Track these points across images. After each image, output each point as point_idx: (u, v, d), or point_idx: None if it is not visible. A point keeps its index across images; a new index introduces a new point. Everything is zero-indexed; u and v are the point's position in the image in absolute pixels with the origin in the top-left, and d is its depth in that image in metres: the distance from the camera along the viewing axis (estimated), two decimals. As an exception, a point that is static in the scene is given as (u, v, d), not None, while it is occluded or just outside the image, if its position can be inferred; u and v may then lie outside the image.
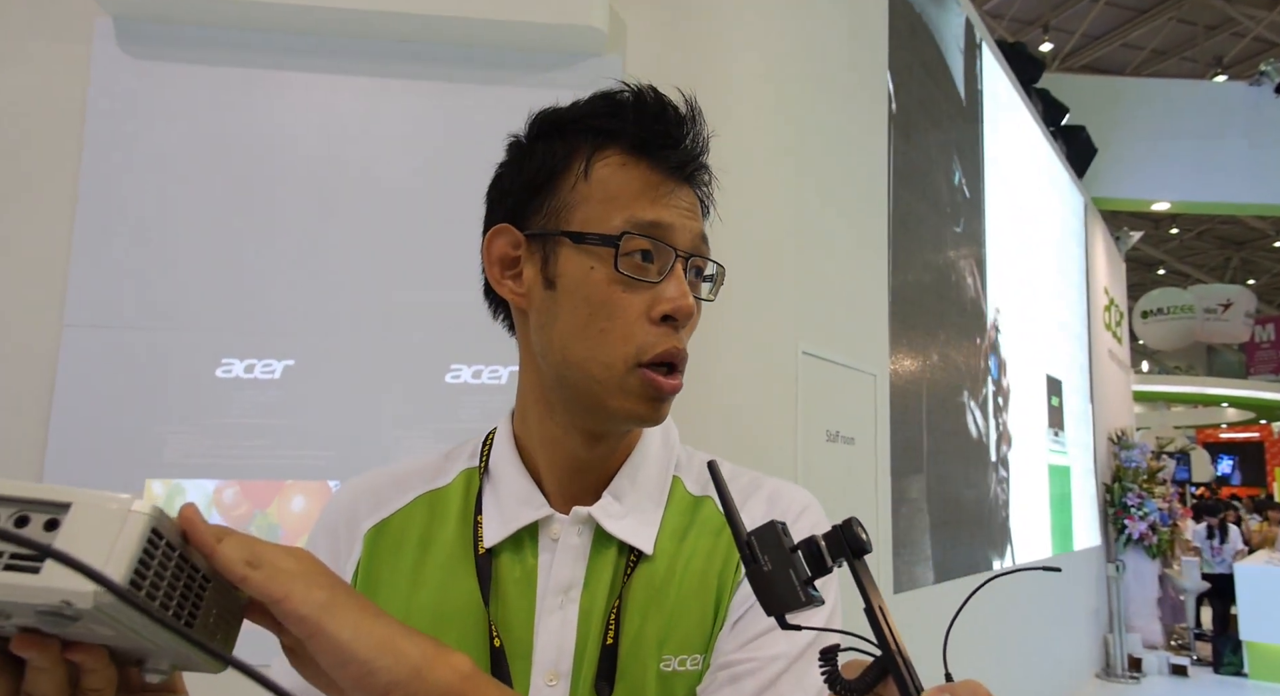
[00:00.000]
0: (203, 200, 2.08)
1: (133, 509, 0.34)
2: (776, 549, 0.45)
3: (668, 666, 0.60)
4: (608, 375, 0.61)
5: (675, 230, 0.62)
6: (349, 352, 2.11)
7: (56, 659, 0.38)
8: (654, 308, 0.61)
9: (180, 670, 0.44)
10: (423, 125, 2.19)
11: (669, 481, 0.68)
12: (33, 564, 0.32)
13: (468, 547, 0.65)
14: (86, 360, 2.00)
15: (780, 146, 2.57)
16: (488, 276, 0.68)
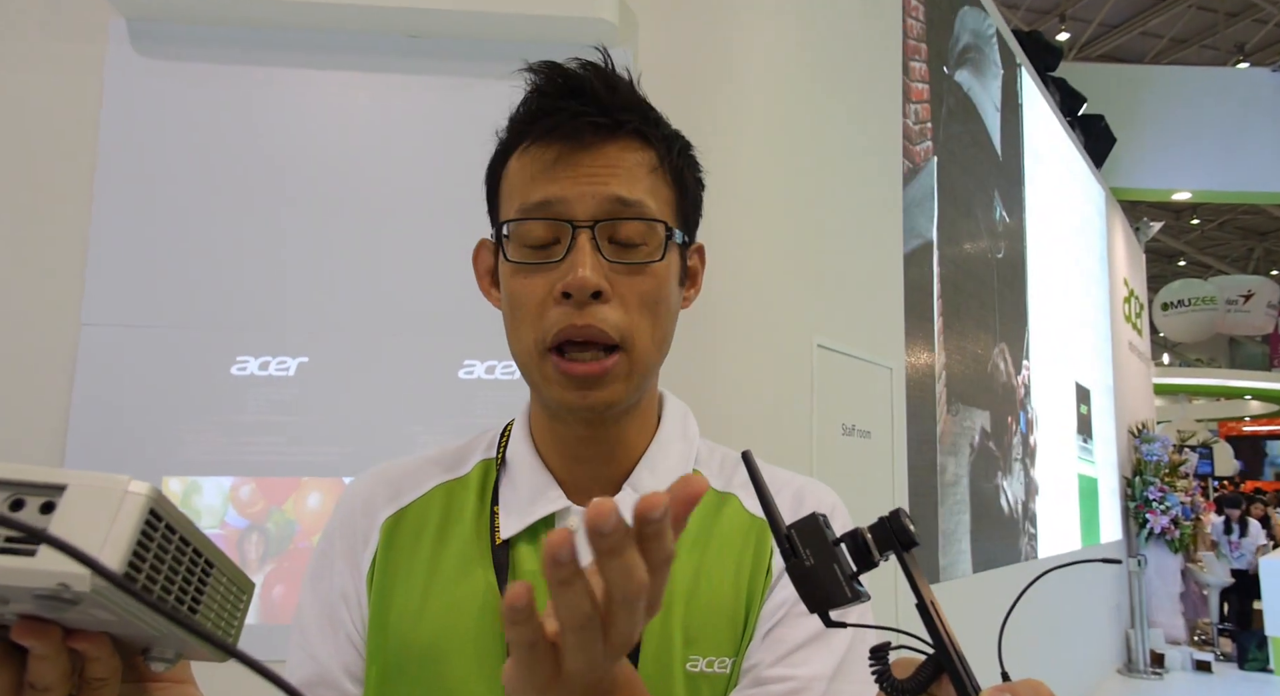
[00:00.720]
0: (216, 199, 2.09)
1: (129, 490, 0.33)
2: (818, 542, 0.43)
3: (694, 667, 0.58)
4: (530, 363, 0.61)
5: (570, 202, 0.59)
6: (363, 349, 2.12)
7: (58, 647, 0.37)
8: (554, 287, 0.59)
9: (186, 659, 0.43)
10: (433, 121, 2.19)
11: (689, 473, 0.67)
12: (28, 546, 0.32)
13: (484, 539, 0.64)
14: (104, 359, 2.01)
15: (793, 138, 2.55)
16: (479, 287, 0.69)
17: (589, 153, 0.60)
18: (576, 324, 0.58)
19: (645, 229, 0.60)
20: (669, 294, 0.63)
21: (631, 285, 0.60)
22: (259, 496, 2.06)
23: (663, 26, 2.22)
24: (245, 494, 2.05)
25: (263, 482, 2.05)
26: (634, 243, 0.60)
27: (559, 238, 0.59)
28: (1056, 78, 6.09)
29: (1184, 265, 17.40)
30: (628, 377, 0.60)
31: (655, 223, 0.61)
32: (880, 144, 3.14)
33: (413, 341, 2.13)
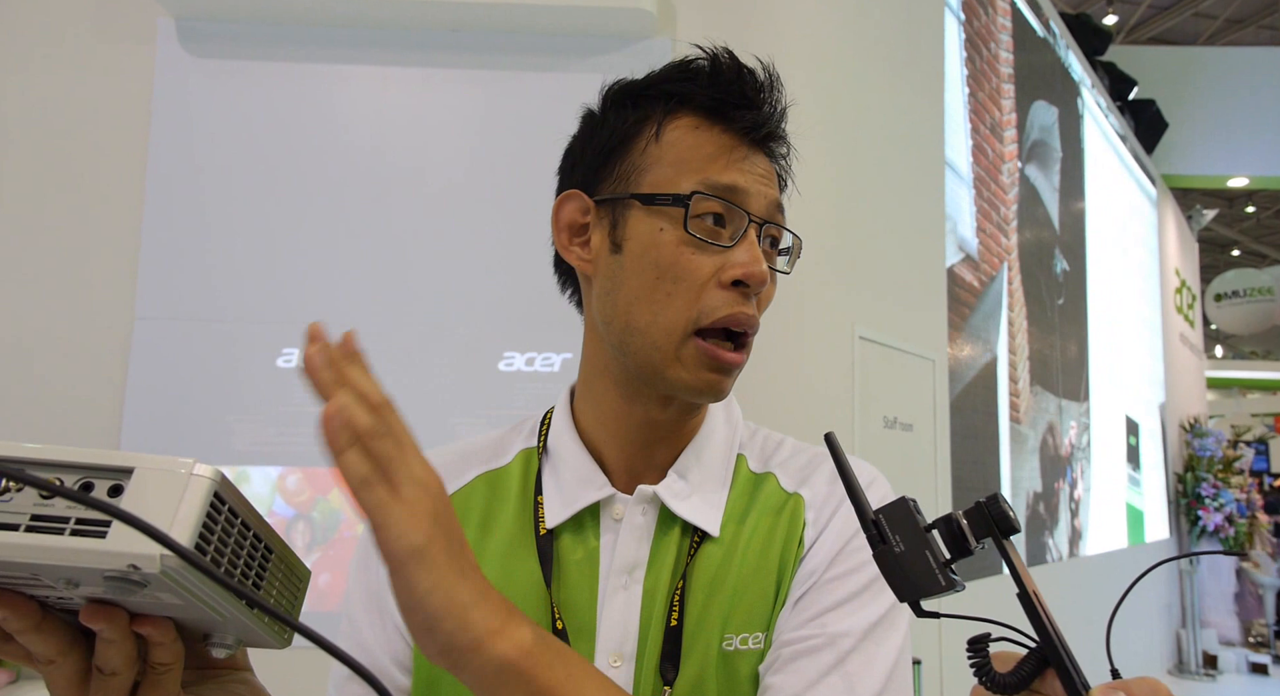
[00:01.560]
0: (262, 194, 2.13)
1: (194, 473, 0.34)
2: (908, 528, 0.41)
3: (729, 645, 0.59)
4: (668, 342, 0.59)
5: (749, 195, 0.60)
6: (404, 341, 2.14)
7: (125, 631, 0.38)
8: (724, 272, 0.58)
9: (246, 646, 0.44)
10: (474, 114, 2.20)
11: (733, 459, 0.66)
12: (99, 528, 0.32)
13: (528, 528, 0.64)
14: (156, 352, 2.06)
15: (834, 129, 2.52)
16: (555, 243, 0.66)
17: (757, 153, 0.62)
18: (746, 313, 0.59)
19: (792, 239, 0.65)
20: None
21: (766, 288, 0.62)
22: (305, 486, 2.09)
23: (701, 16, 2.20)
24: (292, 483, 2.09)
25: (309, 472, 2.09)
26: (785, 250, 0.64)
27: (727, 223, 0.60)
28: (1105, 62, 5.92)
29: (1238, 255, 16.84)
30: (739, 372, 0.62)
31: (797, 238, 0.65)
32: (923, 133, 3.08)
33: (453, 334, 2.15)
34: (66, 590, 0.35)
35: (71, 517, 0.32)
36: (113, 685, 0.39)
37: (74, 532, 0.32)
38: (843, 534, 0.61)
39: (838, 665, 0.55)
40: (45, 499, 0.33)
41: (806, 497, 0.63)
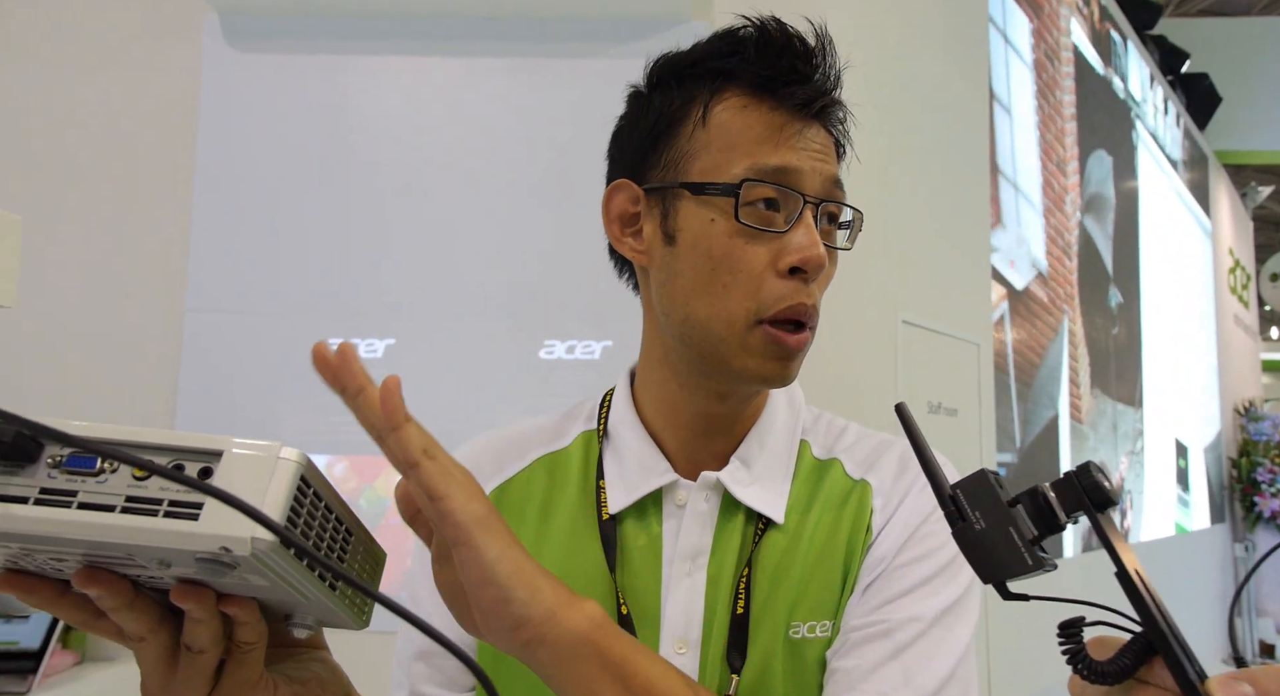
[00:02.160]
0: (307, 186, 2.16)
1: (281, 456, 0.34)
2: (990, 503, 0.38)
3: (796, 633, 0.58)
4: (730, 333, 0.57)
5: (803, 174, 0.57)
6: (446, 331, 2.16)
7: (213, 610, 0.39)
8: (781, 259, 0.57)
9: (325, 626, 0.45)
10: (511, 102, 2.20)
11: (796, 445, 0.65)
12: (192, 510, 0.33)
13: (590, 513, 0.63)
14: (207, 343, 2.11)
15: (877, 111, 2.48)
16: (608, 235, 0.65)
17: (812, 126, 0.59)
18: (806, 304, 0.57)
19: (852, 214, 0.62)
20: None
21: (826, 270, 0.60)
22: (352, 474, 2.13)
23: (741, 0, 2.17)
24: (339, 472, 2.12)
25: (355, 461, 2.12)
26: (844, 225, 0.61)
27: (780, 207, 0.58)
28: (1155, 35, 5.73)
29: (1295, 233, 16.24)
30: (804, 355, 0.60)
31: (857, 212, 0.62)
32: (968, 115, 3.02)
33: (495, 322, 2.16)
34: (158, 570, 0.36)
35: (165, 499, 0.33)
36: (200, 662, 0.40)
37: (167, 514, 0.33)
38: (911, 520, 0.59)
39: (903, 651, 0.54)
40: (139, 480, 0.33)
41: (874, 484, 0.62)
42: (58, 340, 2.07)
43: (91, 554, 0.35)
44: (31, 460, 0.34)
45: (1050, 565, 0.37)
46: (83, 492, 0.33)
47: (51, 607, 0.40)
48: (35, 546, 0.34)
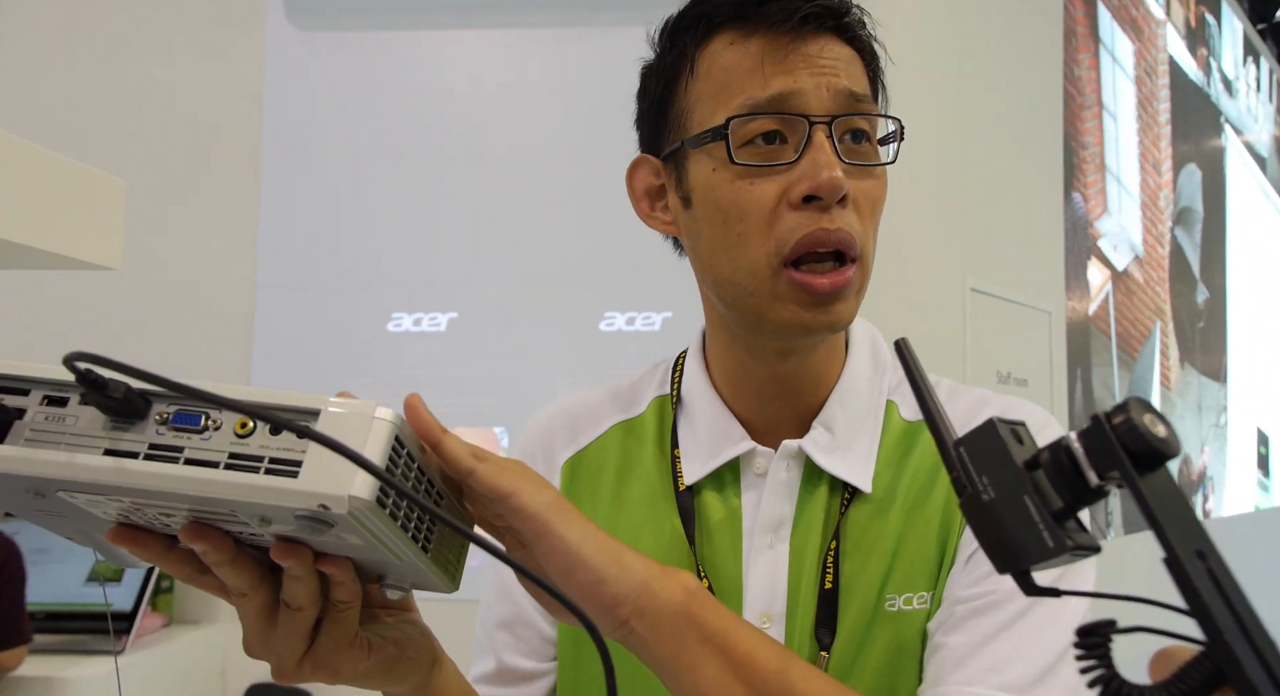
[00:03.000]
0: (370, 163, 2.20)
1: (376, 415, 0.35)
2: (1001, 465, 0.28)
3: (892, 606, 0.55)
4: (757, 283, 0.54)
5: (805, 95, 0.52)
6: (507, 304, 2.18)
7: (310, 569, 0.39)
8: (791, 191, 0.52)
9: (416, 589, 0.45)
10: (572, 72, 2.19)
11: (882, 407, 0.61)
12: (292, 468, 0.33)
13: (667, 483, 0.61)
14: (277, 318, 2.18)
15: (946, 68, 2.39)
16: (637, 213, 0.63)
17: (814, 42, 0.53)
18: (827, 228, 0.51)
19: (873, 126, 0.55)
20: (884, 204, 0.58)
21: (864, 189, 0.54)
22: (418, 445, 2.18)
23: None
24: (406, 443, 2.17)
25: (421, 432, 2.17)
26: (864, 142, 0.55)
27: (786, 136, 0.53)
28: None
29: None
30: (859, 293, 0.55)
31: (889, 119, 0.56)
32: (1040, 76, 2.89)
33: (555, 295, 2.17)
34: (259, 527, 0.37)
35: (266, 457, 0.34)
36: (299, 620, 0.41)
37: (268, 471, 0.34)
38: None
39: (1013, 624, 0.51)
40: (241, 438, 0.34)
41: None
42: (135, 318, 2.16)
43: (197, 509, 0.36)
44: (140, 417, 0.35)
45: (1085, 548, 0.27)
46: (189, 449, 0.34)
47: (160, 561, 0.41)
48: (145, 501, 0.35)
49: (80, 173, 0.42)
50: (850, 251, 0.53)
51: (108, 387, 0.33)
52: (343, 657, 0.43)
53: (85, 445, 0.34)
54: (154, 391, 0.35)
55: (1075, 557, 0.28)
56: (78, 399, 0.34)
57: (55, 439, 0.34)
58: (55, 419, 0.34)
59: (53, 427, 0.34)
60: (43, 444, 0.34)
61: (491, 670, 0.64)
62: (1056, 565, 0.28)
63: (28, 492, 0.36)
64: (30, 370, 0.35)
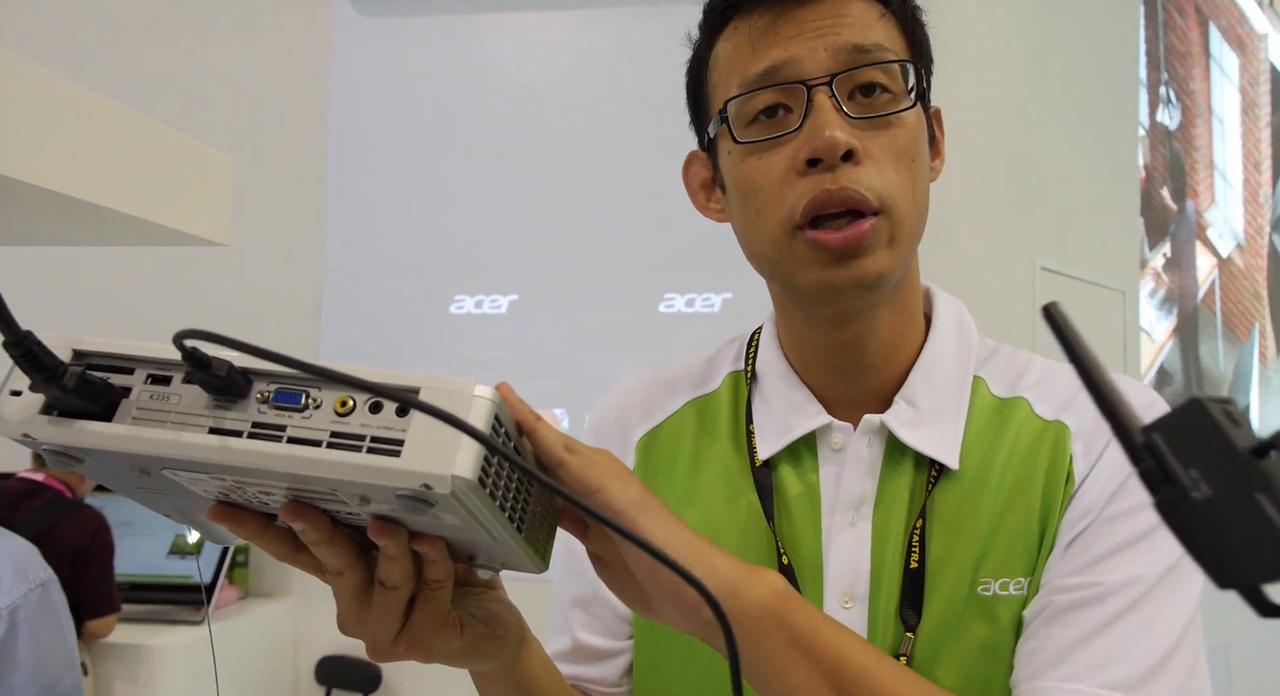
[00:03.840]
0: (433, 146, 2.22)
1: (475, 394, 0.34)
2: (1219, 453, 0.23)
3: (986, 590, 0.53)
4: (778, 252, 0.54)
5: (799, 61, 0.52)
6: (567, 286, 2.19)
7: (405, 548, 0.39)
8: (797, 157, 0.52)
9: (505, 569, 0.45)
10: (631, 52, 2.18)
11: (969, 382, 0.59)
12: (394, 447, 0.33)
13: (743, 460, 0.60)
14: (344, 302, 2.22)
15: (1015, 36, 2.30)
16: (695, 207, 0.64)
17: (811, 7, 0.53)
18: (830, 189, 0.51)
19: (889, 75, 0.53)
20: (922, 150, 0.55)
21: (882, 142, 0.53)
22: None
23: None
24: (469, 424, 2.21)
25: (484, 413, 2.20)
26: (878, 93, 0.53)
27: (790, 106, 0.53)
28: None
29: None
30: (891, 244, 0.53)
31: (900, 64, 0.54)
32: (1115, 49, 2.77)
33: (614, 277, 2.17)
34: (357, 506, 0.37)
35: (367, 436, 0.33)
36: (393, 598, 0.41)
37: (370, 450, 0.33)
38: (1122, 466, 0.52)
39: (1119, 618, 0.49)
40: (341, 416, 0.34)
41: (1072, 426, 0.56)
42: (207, 303, 2.22)
43: (296, 488, 0.36)
44: (242, 395, 0.34)
45: None
46: (291, 427, 0.34)
47: (257, 539, 0.41)
48: (246, 479, 0.36)
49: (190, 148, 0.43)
50: (863, 207, 0.52)
51: (212, 366, 0.33)
52: (435, 636, 0.43)
53: (190, 424, 0.34)
54: (254, 369, 0.35)
55: None
56: (181, 377, 0.35)
57: (160, 417, 0.34)
58: (160, 397, 0.35)
59: (157, 406, 0.34)
60: (149, 422, 0.34)
61: (566, 647, 0.64)
62: None
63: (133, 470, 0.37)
64: (134, 348, 0.35)
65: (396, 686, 2.20)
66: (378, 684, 2.19)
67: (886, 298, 0.57)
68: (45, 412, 0.34)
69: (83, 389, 0.33)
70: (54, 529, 1.77)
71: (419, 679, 2.18)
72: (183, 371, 0.34)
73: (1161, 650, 0.48)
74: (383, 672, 2.19)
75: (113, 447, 0.34)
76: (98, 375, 0.34)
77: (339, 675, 2.21)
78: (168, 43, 2.28)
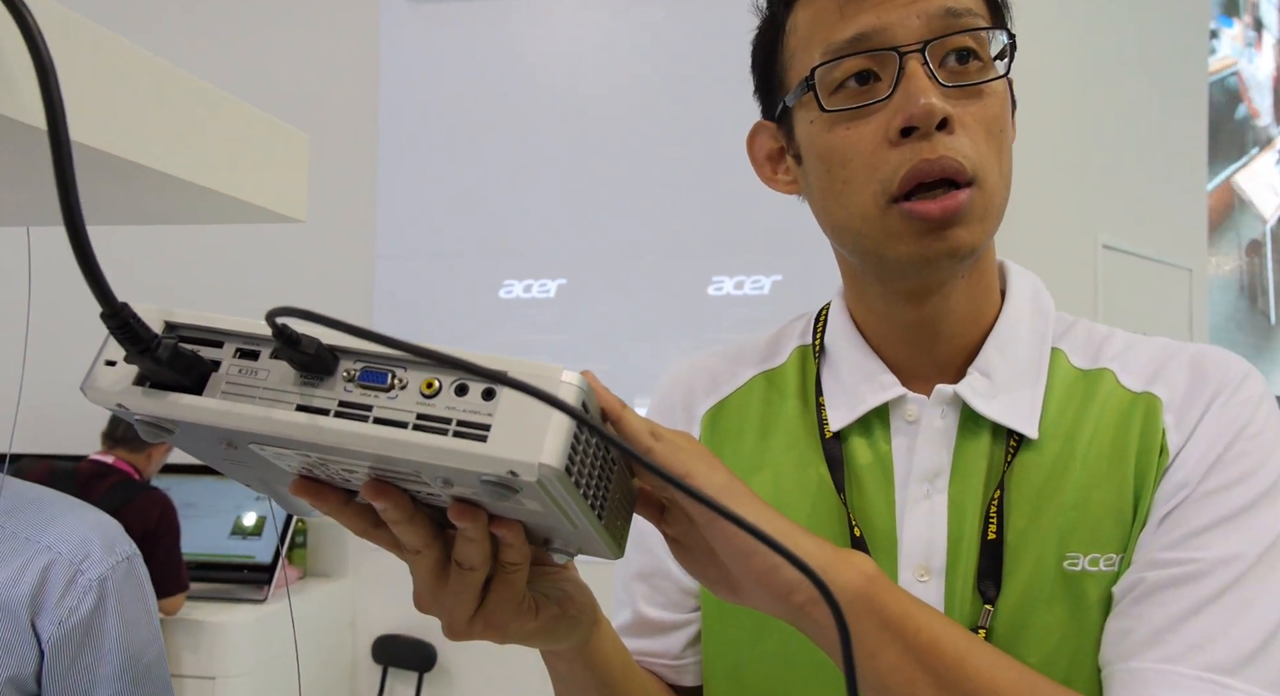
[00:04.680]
0: (480, 132, 2.23)
1: (563, 379, 0.34)
2: None
3: (1073, 565, 0.52)
4: (868, 225, 0.53)
5: (891, 28, 0.51)
6: (615, 269, 2.18)
7: (484, 531, 0.39)
8: (889, 126, 0.51)
9: (581, 554, 0.45)
10: (674, 33, 2.15)
11: (1046, 353, 0.58)
12: (480, 432, 0.33)
13: (812, 432, 0.60)
14: (395, 287, 2.25)
15: (1081, 13, 2.22)
16: (761, 179, 0.63)
17: None
18: (929, 158, 0.50)
19: (979, 42, 0.52)
20: (1009, 120, 0.54)
21: (974, 111, 0.52)
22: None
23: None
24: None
25: (533, 397, 2.21)
26: (970, 61, 0.52)
27: (879, 73, 0.51)
28: None
29: None
30: (983, 218, 0.52)
31: (994, 31, 0.52)
32: (1184, 18, 2.65)
33: (662, 260, 2.16)
34: (439, 488, 0.36)
35: (453, 419, 0.33)
36: (470, 579, 0.41)
37: (456, 434, 0.33)
38: (1218, 438, 0.51)
39: (1218, 597, 0.47)
40: (427, 398, 0.34)
41: (1163, 397, 0.54)
42: (259, 290, 2.27)
43: (378, 467, 0.36)
44: (329, 373, 0.34)
45: None
46: (377, 407, 0.34)
47: (337, 514, 0.41)
48: (330, 457, 0.36)
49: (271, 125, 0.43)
50: (960, 177, 0.50)
51: (301, 343, 0.33)
52: (511, 618, 0.44)
53: (278, 400, 0.34)
54: (341, 348, 0.35)
55: None
56: (269, 353, 0.35)
57: (249, 392, 0.34)
58: (248, 372, 0.35)
59: (245, 381, 0.34)
60: (238, 397, 0.34)
61: (628, 621, 0.64)
62: None
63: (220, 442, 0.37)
64: (224, 322, 0.35)
65: (451, 666, 2.24)
66: (433, 663, 2.23)
67: (966, 270, 0.56)
68: (139, 383, 0.34)
69: (175, 361, 0.33)
70: (122, 509, 1.83)
71: (473, 659, 2.22)
72: (271, 347, 0.34)
73: (1264, 631, 0.46)
74: (437, 652, 2.23)
75: (203, 421, 0.34)
76: (189, 348, 0.34)
77: (395, 654, 2.25)
78: (217, 31, 2.32)
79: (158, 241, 2.28)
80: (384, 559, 0.46)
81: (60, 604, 0.75)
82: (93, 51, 0.34)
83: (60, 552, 0.77)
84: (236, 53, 2.31)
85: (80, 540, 0.78)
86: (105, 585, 0.78)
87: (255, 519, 2.15)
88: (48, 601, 0.75)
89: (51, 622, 0.75)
